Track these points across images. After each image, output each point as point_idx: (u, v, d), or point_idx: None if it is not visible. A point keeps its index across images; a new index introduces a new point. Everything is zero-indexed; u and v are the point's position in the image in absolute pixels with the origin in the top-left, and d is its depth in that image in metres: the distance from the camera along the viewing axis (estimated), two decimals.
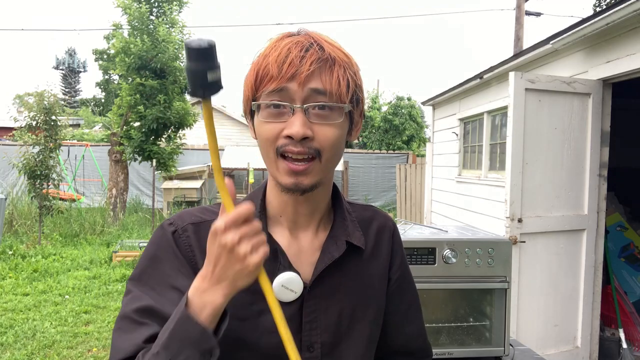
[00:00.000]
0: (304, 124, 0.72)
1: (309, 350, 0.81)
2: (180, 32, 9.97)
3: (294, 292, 0.79)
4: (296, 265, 0.81)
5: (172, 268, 0.78)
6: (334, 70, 0.74)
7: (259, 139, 0.78)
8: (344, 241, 0.84)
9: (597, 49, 3.45)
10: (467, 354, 1.68)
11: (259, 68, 0.75)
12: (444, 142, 7.29)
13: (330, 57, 0.74)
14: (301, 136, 0.72)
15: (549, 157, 3.31)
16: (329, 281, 0.83)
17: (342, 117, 0.76)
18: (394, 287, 0.94)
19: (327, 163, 0.77)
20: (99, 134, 16.12)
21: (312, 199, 0.82)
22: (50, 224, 8.32)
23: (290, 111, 0.73)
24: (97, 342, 3.99)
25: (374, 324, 0.89)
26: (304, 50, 0.73)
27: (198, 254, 0.79)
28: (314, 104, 0.73)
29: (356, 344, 0.85)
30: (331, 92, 0.73)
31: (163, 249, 0.80)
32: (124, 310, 0.76)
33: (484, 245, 1.65)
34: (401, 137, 16.41)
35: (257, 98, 0.76)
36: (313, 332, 0.81)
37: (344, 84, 0.74)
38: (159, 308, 0.73)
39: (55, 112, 7.66)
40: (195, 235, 0.81)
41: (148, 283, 0.77)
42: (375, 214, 0.96)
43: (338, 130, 0.76)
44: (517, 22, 10.82)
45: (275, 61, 0.73)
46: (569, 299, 3.41)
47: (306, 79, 0.72)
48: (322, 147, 0.74)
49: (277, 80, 0.72)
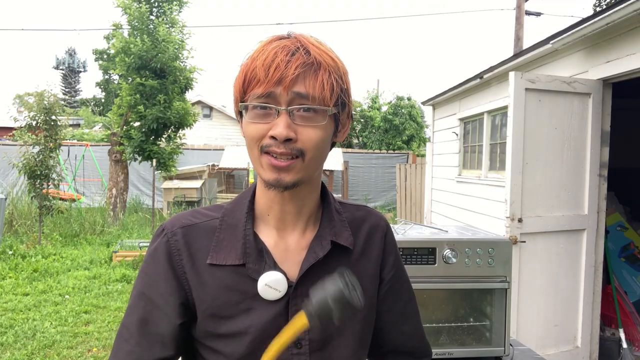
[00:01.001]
0: (287, 125, 0.75)
1: (296, 347, 0.83)
2: (180, 32, 9.96)
3: (278, 291, 0.81)
4: (282, 264, 0.84)
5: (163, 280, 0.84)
6: (318, 75, 0.77)
7: (246, 138, 0.82)
8: (329, 241, 0.86)
9: (597, 49, 3.45)
10: (467, 354, 1.68)
11: (247, 71, 0.78)
12: (444, 142, 7.29)
13: (315, 61, 0.77)
14: (284, 137, 0.75)
15: (549, 157, 3.31)
16: (315, 280, 0.84)
17: (325, 120, 0.79)
18: (387, 286, 0.95)
19: (309, 162, 0.79)
20: (99, 134, 16.13)
21: (297, 197, 0.85)
22: (50, 224, 8.32)
23: (276, 113, 0.76)
24: (97, 342, 3.99)
25: (365, 323, 0.90)
26: (290, 54, 0.76)
27: (185, 258, 0.84)
28: (298, 106, 0.76)
29: (347, 342, 0.86)
30: (314, 96, 0.76)
31: (156, 260, 0.85)
32: (124, 319, 0.85)
33: (484, 245, 1.65)
34: (401, 137, 16.41)
35: (245, 100, 0.79)
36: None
37: (327, 87, 0.77)
38: (152, 321, 0.82)
39: (55, 112, 7.66)
40: (183, 238, 0.85)
41: (143, 297, 0.84)
42: (368, 214, 0.97)
43: (321, 132, 0.79)
44: (517, 22, 10.82)
45: (262, 65, 0.76)
46: (569, 299, 3.41)
47: (291, 83, 0.75)
48: (305, 147, 0.77)
49: (265, 84, 0.76)
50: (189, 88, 10.37)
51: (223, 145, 14.47)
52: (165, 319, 0.82)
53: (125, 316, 0.85)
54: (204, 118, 17.29)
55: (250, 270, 0.82)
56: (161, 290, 0.83)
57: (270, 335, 0.80)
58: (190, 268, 0.83)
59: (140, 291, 0.85)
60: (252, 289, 0.81)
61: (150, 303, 0.83)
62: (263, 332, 0.80)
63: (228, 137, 17.50)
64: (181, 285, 0.83)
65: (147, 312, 0.83)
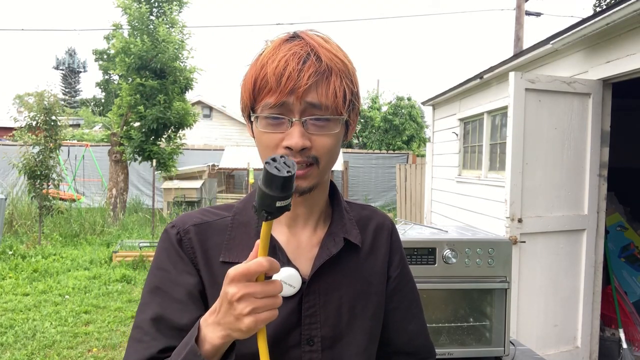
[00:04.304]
0: (302, 135, 0.76)
1: (309, 344, 0.82)
2: (180, 32, 9.96)
3: (292, 287, 0.81)
4: (295, 260, 0.84)
5: (179, 272, 0.82)
6: (330, 82, 0.76)
7: (259, 146, 0.82)
8: (341, 238, 0.87)
9: (597, 49, 3.45)
10: (467, 354, 1.68)
11: (257, 77, 0.77)
12: (444, 142, 7.29)
13: (327, 67, 0.77)
14: (300, 147, 0.75)
15: (549, 157, 3.31)
16: (327, 277, 0.85)
17: (338, 127, 0.79)
18: (393, 284, 0.95)
19: (324, 168, 0.81)
20: (99, 134, 16.12)
21: (309, 199, 0.85)
22: (50, 224, 8.31)
23: (289, 123, 0.76)
24: (97, 342, 3.99)
25: (374, 320, 0.90)
26: (302, 62, 0.75)
27: (199, 255, 0.83)
28: (311, 117, 0.76)
29: (357, 339, 0.87)
30: (327, 105, 0.76)
31: (168, 255, 0.84)
32: (136, 319, 0.81)
33: (484, 246, 1.65)
34: (401, 137, 16.41)
35: (256, 108, 0.79)
36: (313, 326, 0.83)
37: (340, 95, 0.77)
38: (168, 316, 0.79)
39: (55, 112, 7.66)
40: (197, 236, 0.84)
41: (158, 292, 0.81)
42: (374, 214, 0.98)
43: (335, 139, 0.80)
44: (517, 22, 10.82)
45: (274, 73, 0.75)
46: (569, 299, 3.41)
47: (304, 93, 0.75)
48: (320, 155, 0.78)
49: (277, 94, 0.75)
50: (189, 88, 10.38)
51: (223, 146, 14.48)
52: (184, 312, 0.79)
53: (136, 316, 0.82)
54: (204, 118, 17.28)
55: None
56: (180, 282, 0.81)
57: (283, 332, 0.80)
58: (204, 265, 0.83)
59: (154, 286, 0.82)
60: None
61: (168, 297, 0.80)
62: (277, 330, 0.80)
63: (228, 137, 17.50)
64: (200, 280, 0.82)
65: (164, 307, 0.79)
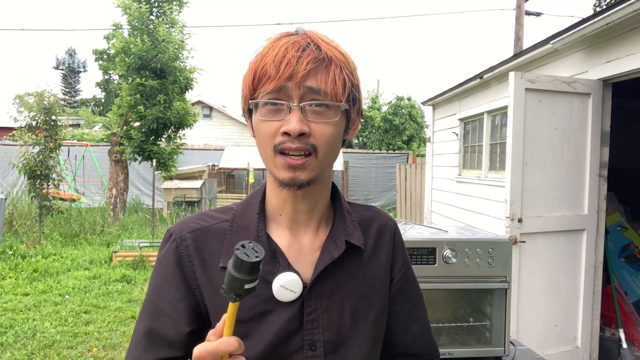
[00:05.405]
0: (300, 120, 0.74)
1: (311, 349, 0.81)
2: (180, 32, 9.96)
3: (293, 292, 0.79)
4: (296, 264, 0.82)
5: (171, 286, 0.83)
6: (330, 70, 0.75)
7: (257, 137, 0.80)
8: (343, 241, 0.85)
9: (597, 49, 3.45)
10: (467, 354, 1.68)
11: (257, 68, 0.76)
12: (444, 142, 7.29)
13: (326, 56, 0.76)
14: (298, 132, 0.73)
15: (549, 157, 3.31)
16: (329, 281, 0.83)
17: (338, 115, 0.78)
18: (397, 286, 0.94)
19: (323, 159, 0.78)
20: (99, 134, 16.12)
21: (310, 195, 0.83)
22: (50, 224, 8.31)
23: (287, 109, 0.75)
24: (97, 342, 3.99)
25: (378, 323, 0.88)
26: (301, 50, 0.75)
27: (197, 263, 0.82)
28: (310, 102, 0.75)
29: (360, 343, 0.85)
30: (326, 91, 0.75)
31: (164, 267, 0.84)
32: (136, 324, 0.85)
33: (484, 245, 1.65)
34: (401, 137, 16.42)
35: (256, 97, 0.78)
36: (315, 330, 0.81)
37: (339, 83, 0.76)
38: (158, 329, 0.81)
39: (55, 112, 7.66)
40: (194, 243, 0.83)
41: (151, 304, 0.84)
42: (376, 215, 0.96)
43: (334, 128, 0.78)
44: (517, 22, 10.82)
45: (273, 61, 0.74)
46: (569, 299, 3.41)
47: (302, 78, 0.74)
48: (318, 143, 0.76)
49: (275, 80, 0.74)
50: (189, 88, 10.38)
51: (223, 146, 14.48)
52: (172, 327, 0.81)
53: (136, 321, 0.85)
54: (204, 118, 17.28)
55: (264, 272, 0.80)
56: (169, 297, 0.82)
57: (284, 337, 0.79)
58: (202, 273, 0.82)
59: (149, 298, 0.84)
60: (266, 291, 0.79)
61: (158, 310, 0.82)
62: (278, 336, 0.79)
63: (228, 137, 17.50)
64: (192, 292, 0.82)
65: (154, 320, 0.82)
